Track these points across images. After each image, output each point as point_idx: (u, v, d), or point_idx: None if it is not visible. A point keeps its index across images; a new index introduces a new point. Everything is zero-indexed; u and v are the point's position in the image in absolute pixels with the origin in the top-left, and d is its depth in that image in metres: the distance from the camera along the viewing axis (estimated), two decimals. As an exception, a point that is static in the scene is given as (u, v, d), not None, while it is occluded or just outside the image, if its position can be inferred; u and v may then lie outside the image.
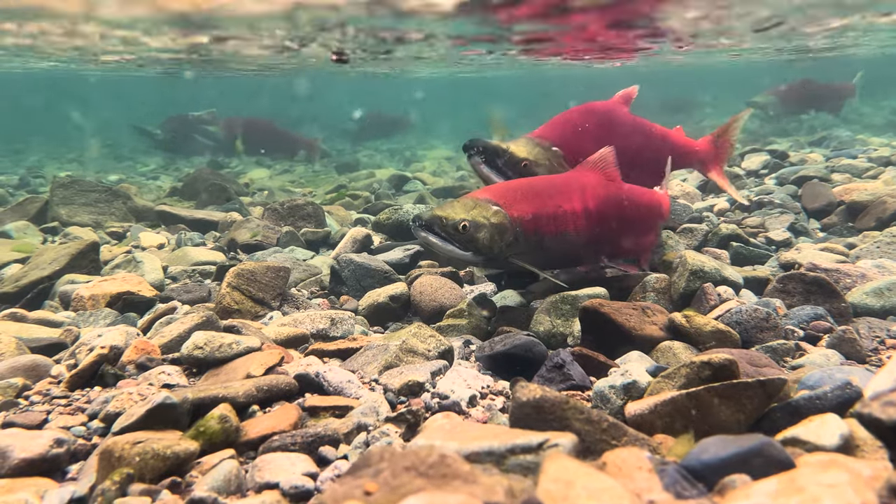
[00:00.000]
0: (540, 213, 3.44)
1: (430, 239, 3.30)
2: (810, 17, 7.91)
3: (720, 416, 2.03)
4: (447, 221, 3.28)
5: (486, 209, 3.34)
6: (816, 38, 9.98)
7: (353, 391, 2.50)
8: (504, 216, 3.35)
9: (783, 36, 9.57)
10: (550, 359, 2.67)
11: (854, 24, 8.75)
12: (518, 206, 3.40)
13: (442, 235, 3.28)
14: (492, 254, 3.34)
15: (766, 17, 7.68)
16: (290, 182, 10.16)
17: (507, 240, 3.35)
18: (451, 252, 3.31)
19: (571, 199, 3.52)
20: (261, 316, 3.67)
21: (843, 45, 11.38)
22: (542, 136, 4.13)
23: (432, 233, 3.29)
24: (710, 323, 2.88)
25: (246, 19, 7.00)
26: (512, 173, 3.97)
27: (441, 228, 3.28)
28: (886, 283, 3.22)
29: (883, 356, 2.67)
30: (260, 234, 5.36)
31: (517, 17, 6.71)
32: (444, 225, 3.28)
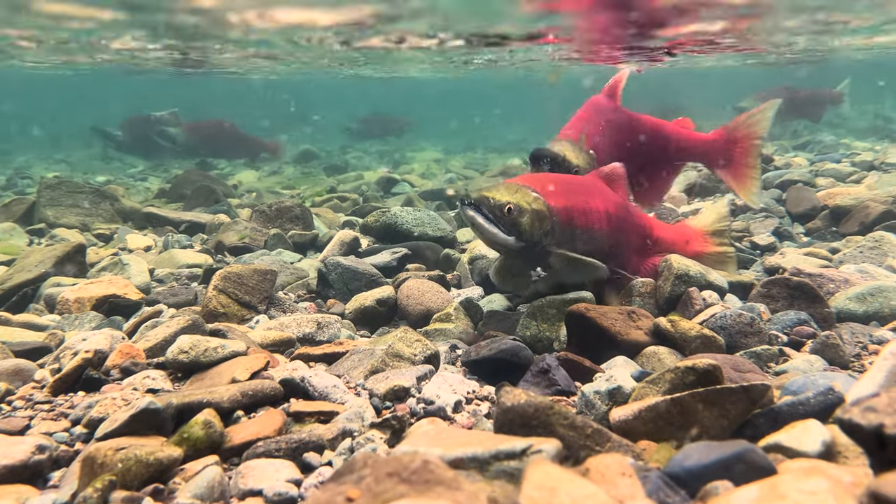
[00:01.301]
0: (572, 206, 3.41)
1: (477, 219, 3.19)
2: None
3: (704, 421, 2.04)
4: (494, 202, 3.19)
5: (528, 195, 3.29)
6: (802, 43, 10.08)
7: (338, 396, 2.49)
8: (543, 203, 3.30)
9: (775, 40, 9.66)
10: (536, 364, 2.68)
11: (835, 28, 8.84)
12: (553, 197, 3.36)
13: (488, 217, 3.19)
14: (532, 240, 3.27)
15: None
16: (278, 184, 10.14)
17: (545, 228, 3.29)
18: (494, 235, 3.22)
19: (595, 199, 3.52)
20: (247, 319, 3.65)
21: (829, 51, 11.50)
22: (575, 139, 4.10)
23: (480, 213, 3.19)
24: (695, 328, 2.90)
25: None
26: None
27: (489, 209, 3.19)
28: (869, 288, 3.25)
29: (865, 362, 2.70)
30: (247, 237, 5.34)
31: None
32: (491, 206, 3.19)
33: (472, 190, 3.35)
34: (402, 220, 5.36)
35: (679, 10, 6.49)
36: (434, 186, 8.84)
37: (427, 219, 5.44)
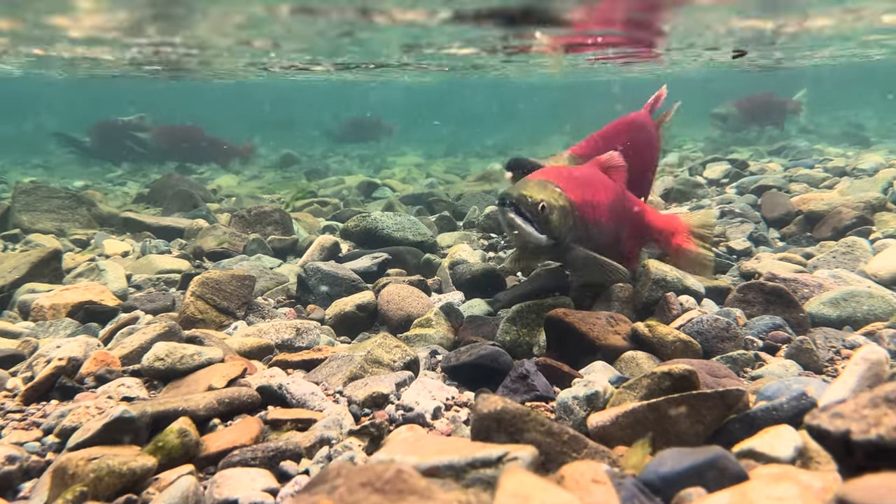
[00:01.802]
0: (586, 200, 3.34)
1: (516, 221, 3.04)
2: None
3: (680, 427, 2.06)
4: (531, 201, 3.05)
5: (554, 191, 3.18)
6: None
7: (316, 403, 2.48)
8: (566, 199, 3.20)
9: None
10: (515, 369, 2.69)
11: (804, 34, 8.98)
12: (572, 191, 3.26)
13: (526, 216, 3.05)
14: (559, 238, 3.17)
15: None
16: (258, 188, 10.07)
17: (569, 223, 3.21)
18: (529, 235, 3.09)
19: (601, 190, 3.46)
20: (225, 325, 3.62)
21: (795, 58, 11.70)
22: (584, 154, 4.03)
23: (519, 213, 3.05)
24: (673, 333, 2.92)
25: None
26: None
27: (526, 208, 3.04)
28: (842, 293, 3.31)
29: (838, 366, 2.74)
30: (226, 242, 5.30)
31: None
32: (528, 205, 3.04)
33: (506, 189, 3.16)
34: (382, 224, 5.35)
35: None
36: (415, 191, 8.84)
37: (408, 223, 5.44)
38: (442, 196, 8.04)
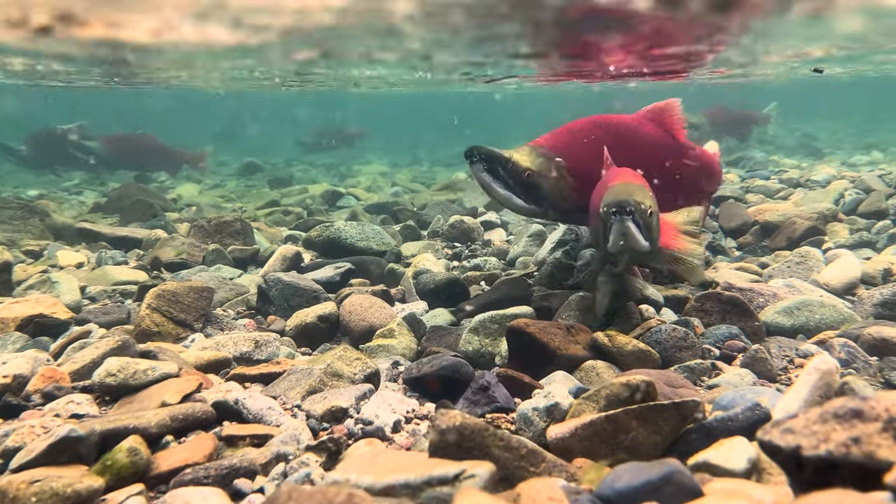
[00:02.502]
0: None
1: (631, 229, 2.93)
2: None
3: (638, 438, 2.08)
4: (644, 207, 2.98)
5: (648, 193, 3.14)
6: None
7: (273, 418, 2.43)
8: (654, 201, 3.17)
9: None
10: (476, 381, 2.68)
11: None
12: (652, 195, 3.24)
13: (639, 224, 2.96)
14: (656, 243, 3.10)
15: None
16: (220, 197, 9.91)
17: (659, 228, 3.17)
18: (638, 243, 2.96)
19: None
20: (183, 338, 3.54)
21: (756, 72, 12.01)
22: (546, 146, 3.92)
23: (633, 221, 2.94)
24: (632, 342, 2.95)
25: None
26: (514, 183, 3.77)
27: (639, 216, 2.95)
28: (795, 302, 3.38)
29: (792, 375, 2.79)
30: (185, 253, 5.19)
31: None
32: (641, 211, 2.96)
33: (617, 195, 3.04)
34: (345, 234, 5.31)
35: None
36: (380, 200, 8.80)
37: (371, 233, 5.40)
38: (407, 205, 8.02)
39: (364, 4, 5.04)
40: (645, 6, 5.00)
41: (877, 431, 1.23)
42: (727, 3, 5.19)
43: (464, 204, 8.19)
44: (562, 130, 4.07)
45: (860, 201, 6.06)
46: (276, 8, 5.16)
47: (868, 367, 2.72)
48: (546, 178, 3.80)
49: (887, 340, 2.82)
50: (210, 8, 5.06)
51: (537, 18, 5.70)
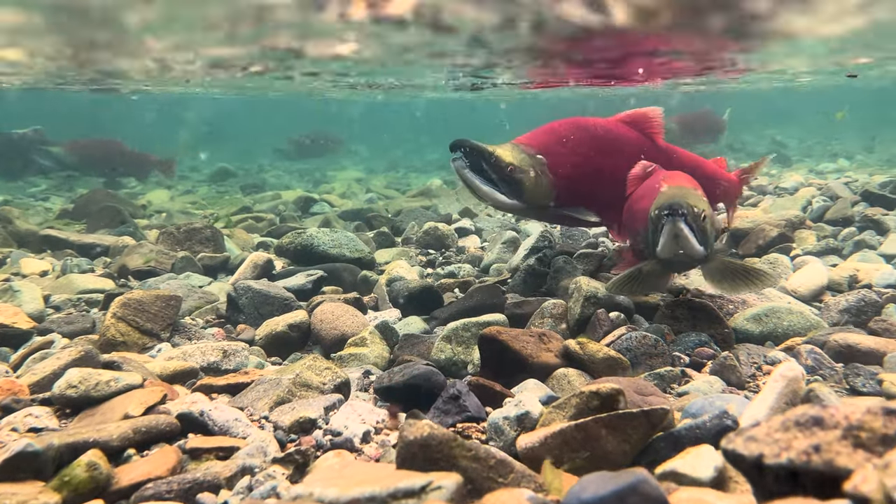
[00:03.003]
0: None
1: (684, 231, 2.89)
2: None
3: (607, 447, 2.07)
4: (697, 211, 2.94)
5: (702, 197, 3.10)
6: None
7: (240, 430, 2.39)
8: (708, 205, 3.15)
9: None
10: (447, 390, 2.65)
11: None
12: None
13: (692, 227, 2.92)
14: (710, 246, 3.05)
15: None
16: (191, 204, 9.77)
17: (715, 233, 3.11)
18: (693, 248, 2.95)
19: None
20: (149, 348, 3.47)
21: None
22: (528, 144, 4.01)
23: (687, 224, 2.90)
24: (603, 350, 2.95)
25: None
26: (497, 178, 3.85)
27: (692, 219, 2.91)
28: (764, 309, 3.41)
29: (760, 382, 2.82)
30: (153, 260, 5.10)
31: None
32: (694, 215, 2.92)
33: (669, 198, 3.02)
34: (318, 241, 5.25)
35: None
36: (354, 206, 8.76)
37: (344, 240, 5.36)
38: (381, 212, 7.99)
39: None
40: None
41: (836, 439, 1.24)
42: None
43: (438, 211, 8.19)
44: (543, 130, 4.16)
45: (827, 208, 6.18)
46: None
47: (834, 374, 2.76)
48: (527, 174, 3.88)
49: (852, 347, 2.86)
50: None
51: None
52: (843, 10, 5.39)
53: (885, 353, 2.79)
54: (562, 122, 4.20)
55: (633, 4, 4.76)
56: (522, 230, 6.43)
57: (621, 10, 4.88)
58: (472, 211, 8.09)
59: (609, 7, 4.75)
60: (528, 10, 4.94)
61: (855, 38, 7.13)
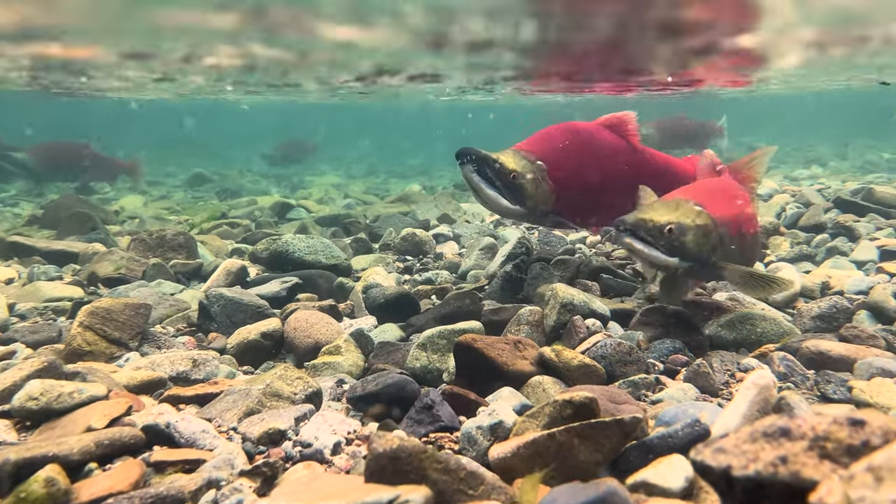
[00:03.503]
0: (735, 214, 3.29)
1: (634, 245, 3.11)
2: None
3: (579, 456, 2.05)
4: (652, 225, 3.09)
5: (691, 210, 3.16)
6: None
7: (207, 442, 2.33)
8: (708, 217, 3.16)
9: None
10: (420, 399, 2.62)
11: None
12: (715, 207, 3.21)
13: (647, 240, 3.09)
14: (700, 258, 3.15)
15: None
16: (165, 209, 9.63)
17: (713, 242, 3.17)
18: (655, 258, 3.13)
19: (746, 203, 3.39)
20: (116, 357, 3.39)
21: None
22: (527, 150, 4.14)
23: (637, 238, 3.11)
24: (578, 357, 2.93)
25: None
26: (501, 184, 3.99)
27: (646, 232, 3.09)
28: (738, 315, 3.43)
29: (733, 389, 2.82)
30: (124, 267, 5.00)
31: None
32: (648, 228, 3.08)
33: (627, 214, 3.22)
34: (293, 247, 5.19)
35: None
36: (332, 212, 8.69)
37: (320, 246, 5.30)
38: (359, 217, 7.93)
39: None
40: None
41: (802, 450, 1.23)
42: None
43: (417, 217, 8.15)
44: (540, 136, 4.29)
45: (800, 215, 6.24)
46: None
47: (806, 381, 2.77)
48: (529, 180, 4.03)
49: (823, 354, 2.88)
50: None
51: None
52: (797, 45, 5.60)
53: (856, 359, 2.80)
54: (556, 127, 4.33)
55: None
56: (500, 237, 6.42)
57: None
58: (450, 217, 8.07)
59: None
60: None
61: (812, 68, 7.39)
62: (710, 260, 3.22)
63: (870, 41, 6.66)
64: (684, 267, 3.18)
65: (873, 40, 6.59)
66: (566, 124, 4.35)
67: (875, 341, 3.05)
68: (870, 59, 8.58)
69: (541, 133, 4.32)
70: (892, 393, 2.36)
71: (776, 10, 5.18)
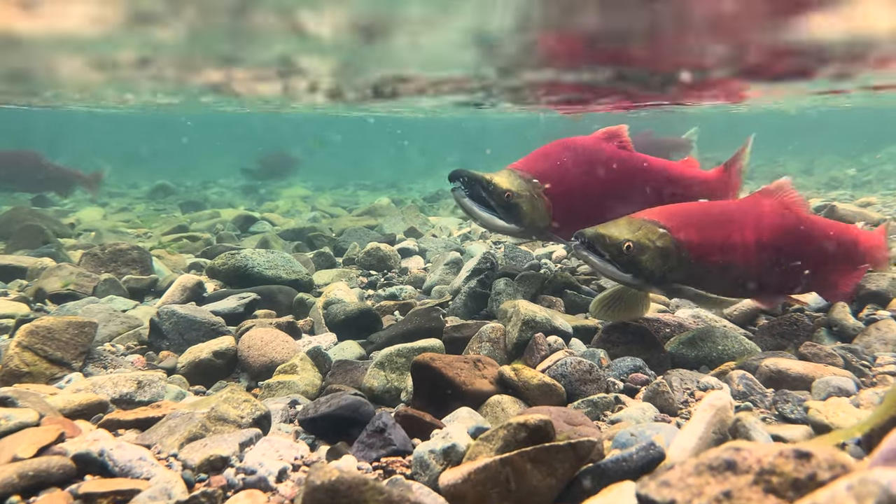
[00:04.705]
0: (708, 241, 3.29)
1: (590, 258, 3.25)
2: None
3: (532, 481, 1.98)
4: (610, 241, 3.20)
5: (653, 231, 3.23)
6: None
7: (144, 470, 2.20)
8: (670, 239, 3.22)
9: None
10: (372, 422, 2.53)
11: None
12: (687, 231, 3.27)
13: (603, 255, 3.22)
14: (653, 277, 3.24)
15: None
16: (124, 222, 9.37)
17: (671, 264, 3.23)
18: (610, 273, 3.24)
19: (743, 229, 3.35)
20: (58, 379, 3.24)
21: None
22: (524, 169, 4.22)
23: (593, 252, 3.23)
24: (537, 376, 2.87)
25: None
26: (495, 204, 4.09)
27: (603, 248, 3.21)
28: (699, 332, 3.40)
29: (692, 408, 2.77)
30: (73, 283, 4.82)
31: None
32: (606, 244, 3.21)
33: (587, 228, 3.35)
34: (252, 262, 5.07)
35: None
36: (297, 225, 8.55)
37: (281, 261, 5.18)
38: (324, 231, 7.81)
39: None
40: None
41: (748, 485, 1.17)
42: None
43: (384, 230, 8.05)
44: (537, 154, 4.37)
45: (763, 230, 6.28)
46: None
47: (765, 400, 2.73)
48: (525, 198, 4.12)
49: (782, 372, 2.85)
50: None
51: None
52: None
53: (814, 378, 2.78)
54: (553, 144, 4.41)
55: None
56: (466, 251, 6.36)
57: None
58: (417, 231, 7.99)
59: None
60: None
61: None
62: (667, 280, 3.28)
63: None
64: (637, 284, 3.29)
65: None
66: (562, 140, 4.43)
67: (833, 359, 3.04)
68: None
69: (537, 151, 4.40)
70: (848, 413, 2.33)
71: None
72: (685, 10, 4.37)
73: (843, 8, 4.35)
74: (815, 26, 4.80)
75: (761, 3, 4.20)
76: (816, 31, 4.93)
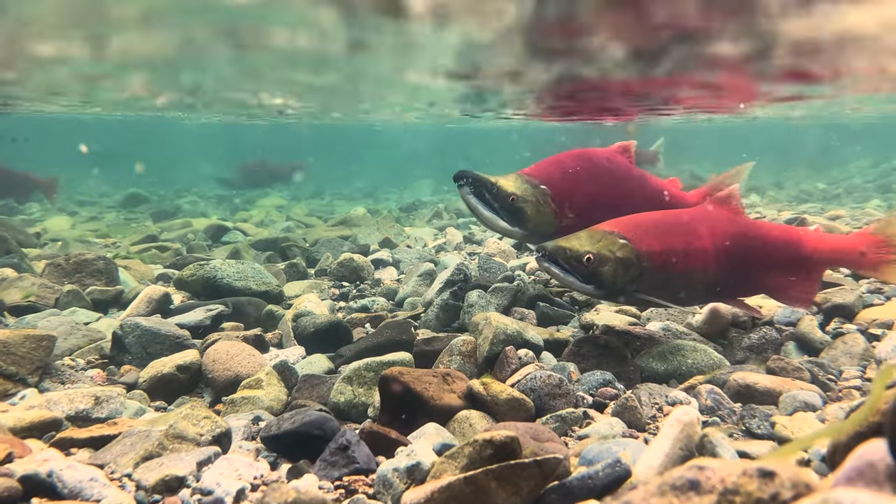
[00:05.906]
0: (668, 249, 3.34)
1: (552, 269, 3.32)
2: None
3: (497, 500, 1.93)
4: (571, 253, 3.27)
5: (614, 242, 3.27)
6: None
7: (95, 492, 2.12)
8: (631, 250, 3.26)
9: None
10: (335, 440, 2.46)
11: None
12: (647, 241, 3.31)
13: (564, 267, 3.29)
14: (615, 288, 3.30)
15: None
16: (92, 231, 9.18)
17: (632, 275, 3.27)
18: (571, 283, 3.32)
19: (701, 237, 3.40)
20: (12, 395, 3.13)
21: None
22: (532, 175, 4.28)
23: (555, 264, 3.31)
24: (506, 391, 2.83)
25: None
26: (499, 206, 4.15)
27: (564, 260, 3.29)
28: (669, 346, 3.39)
29: (660, 423, 2.75)
30: (34, 294, 4.68)
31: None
32: (567, 256, 3.28)
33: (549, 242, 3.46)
34: (222, 273, 4.98)
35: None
36: (270, 235, 8.44)
37: (251, 272, 5.10)
38: (298, 241, 7.72)
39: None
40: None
41: (710, 509, 1.15)
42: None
43: (358, 241, 7.98)
44: (549, 161, 4.44)
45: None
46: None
47: (732, 414, 2.72)
48: (530, 203, 4.17)
49: (750, 387, 2.85)
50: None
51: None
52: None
53: (781, 392, 2.78)
54: (568, 153, 4.49)
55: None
56: (440, 262, 6.32)
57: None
58: (392, 241, 7.94)
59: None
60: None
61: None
62: (628, 289, 3.35)
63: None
64: (600, 294, 3.35)
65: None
66: (579, 150, 4.51)
67: (800, 374, 3.04)
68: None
69: (551, 158, 4.47)
70: (814, 428, 2.32)
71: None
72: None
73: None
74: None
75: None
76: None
